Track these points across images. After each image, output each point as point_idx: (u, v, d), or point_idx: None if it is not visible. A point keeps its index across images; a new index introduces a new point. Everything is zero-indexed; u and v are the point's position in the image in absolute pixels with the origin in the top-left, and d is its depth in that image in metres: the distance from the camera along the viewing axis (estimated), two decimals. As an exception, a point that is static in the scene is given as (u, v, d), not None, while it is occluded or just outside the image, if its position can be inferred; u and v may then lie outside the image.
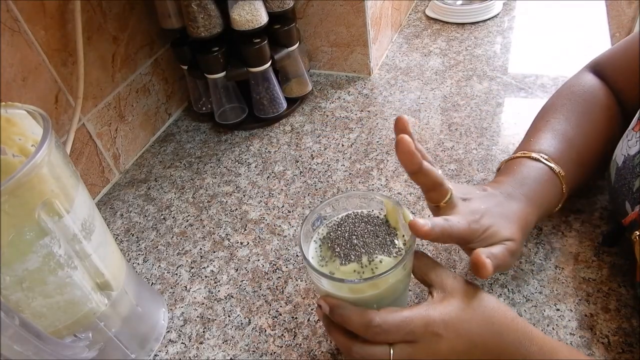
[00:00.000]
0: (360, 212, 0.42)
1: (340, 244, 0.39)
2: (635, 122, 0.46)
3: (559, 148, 0.49)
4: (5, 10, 0.53)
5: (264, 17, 0.68)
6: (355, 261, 0.38)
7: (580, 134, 0.51)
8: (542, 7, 0.94)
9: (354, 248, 0.38)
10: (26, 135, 0.39)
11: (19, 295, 0.37)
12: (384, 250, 0.38)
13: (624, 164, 0.45)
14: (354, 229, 0.40)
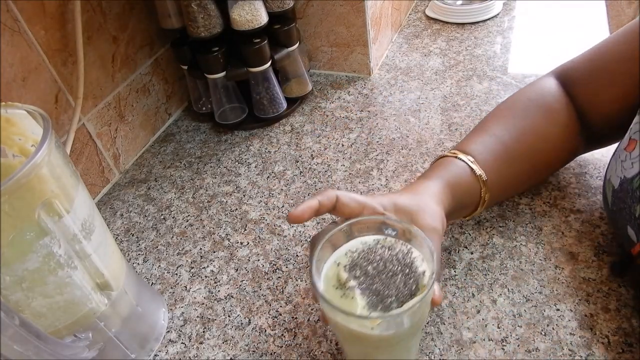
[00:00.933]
0: (384, 243, 0.38)
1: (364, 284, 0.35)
2: (627, 141, 0.44)
3: (489, 153, 0.50)
4: (5, 10, 0.53)
5: (264, 17, 0.68)
6: (382, 310, 0.34)
7: (519, 141, 0.51)
8: (542, 7, 0.94)
9: (381, 293, 0.34)
10: (26, 135, 0.39)
11: (19, 295, 0.37)
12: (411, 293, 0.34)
13: (621, 186, 0.44)
14: (379, 269, 0.36)
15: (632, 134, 0.44)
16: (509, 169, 0.50)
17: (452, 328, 0.47)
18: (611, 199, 0.46)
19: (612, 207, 0.46)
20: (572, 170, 0.60)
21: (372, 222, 0.38)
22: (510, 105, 0.54)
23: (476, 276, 0.51)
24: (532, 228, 0.55)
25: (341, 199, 0.42)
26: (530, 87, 0.55)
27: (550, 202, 0.57)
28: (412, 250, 0.36)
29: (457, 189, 0.47)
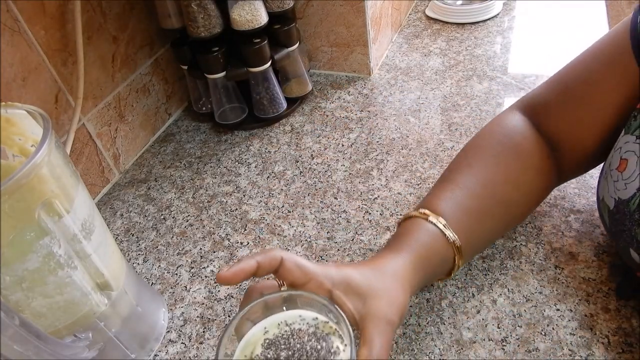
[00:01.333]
0: (317, 330, 0.35)
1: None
2: (617, 161, 0.42)
3: (461, 211, 0.45)
4: (5, 10, 0.53)
5: (264, 17, 0.68)
6: None
7: (492, 195, 0.46)
8: (542, 7, 0.94)
9: None
10: (26, 135, 0.39)
11: (19, 295, 0.37)
12: None
13: (617, 207, 0.42)
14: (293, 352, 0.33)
15: (622, 154, 0.42)
16: (482, 226, 0.46)
17: (452, 328, 0.47)
18: (608, 220, 0.44)
19: (612, 229, 0.44)
20: (572, 170, 0.60)
21: (315, 300, 0.35)
22: (478, 150, 0.50)
23: (476, 276, 0.51)
24: (532, 228, 0.55)
25: (285, 264, 0.37)
26: (496, 127, 0.51)
27: (550, 202, 0.57)
28: (339, 354, 0.33)
29: (427, 262, 0.43)
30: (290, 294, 0.36)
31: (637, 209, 0.39)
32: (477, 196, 0.46)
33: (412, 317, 0.49)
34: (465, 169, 0.48)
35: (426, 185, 0.63)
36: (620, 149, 0.42)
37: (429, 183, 0.63)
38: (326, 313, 0.35)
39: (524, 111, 0.51)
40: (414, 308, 0.49)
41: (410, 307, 0.50)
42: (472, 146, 0.51)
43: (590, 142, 0.46)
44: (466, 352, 0.45)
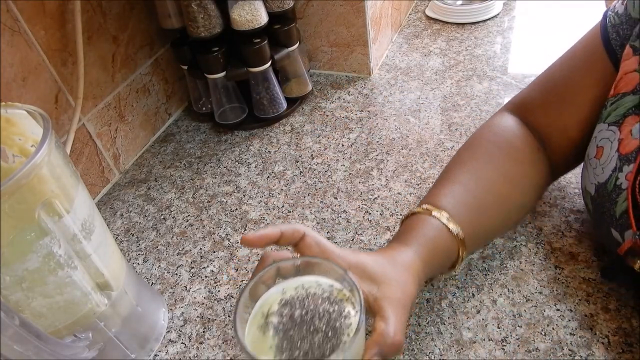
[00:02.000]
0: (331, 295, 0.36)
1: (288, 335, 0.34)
2: (594, 149, 0.45)
3: (462, 206, 0.47)
4: (5, 10, 0.53)
5: (264, 17, 0.68)
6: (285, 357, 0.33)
7: (490, 192, 0.48)
8: (542, 7, 0.94)
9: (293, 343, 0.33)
10: (26, 136, 0.39)
11: (19, 295, 0.37)
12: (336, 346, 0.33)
13: (597, 192, 0.44)
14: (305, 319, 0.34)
15: (597, 142, 0.45)
16: (482, 219, 0.48)
17: (452, 328, 0.47)
18: (592, 206, 0.46)
19: (595, 215, 0.46)
20: (572, 171, 0.60)
21: (332, 269, 0.36)
22: (471, 150, 0.52)
23: (476, 276, 0.51)
24: (532, 228, 0.55)
25: (306, 239, 0.39)
26: (488, 128, 0.53)
27: (550, 202, 0.57)
28: (349, 318, 0.34)
29: (434, 254, 0.44)
30: (308, 260, 0.37)
31: (613, 189, 0.42)
32: (474, 191, 0.48)
33: (412, 317, 0.49)
34: (461, 168, 0.50)
35: (426, 185, 0.63)
36: (595, 138, 0.46)
37: (429, 183, 0.63)
38: (341, 282, 0.36)
39: (513, 111, 0.54)
40: (414, 308, 0.49)
41: (410, 307, 0.50)
42: (465, 148, 0.53)
43: (574, 134, 0.49)
44: (466, 352, 0.45)
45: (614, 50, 0.46)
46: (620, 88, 0.44)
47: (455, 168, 0.51)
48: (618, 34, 0.45)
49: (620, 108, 0.43)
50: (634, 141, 0.41)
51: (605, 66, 0.46)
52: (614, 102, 0.44)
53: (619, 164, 0.42)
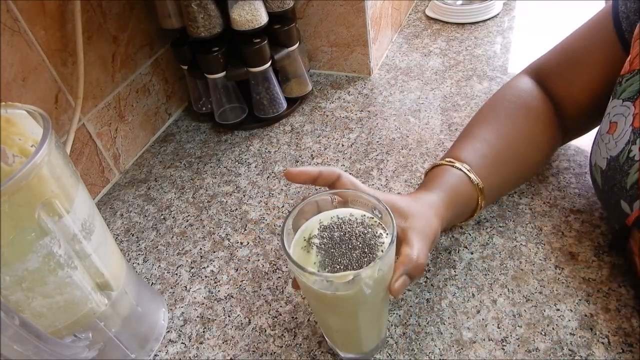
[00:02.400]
0: (364, 220, 0.40)
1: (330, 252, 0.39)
2: (607, 125, 0.48)
3: (482, 159, 0.51)
4: (5, 10, 0.53)
5: (264, 17, 0.68)
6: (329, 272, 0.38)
7: (508, 147, 0.53)
8: (542, 7, 0.94)
9: (334, 258, 0.38)
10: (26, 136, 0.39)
11: (19, 295, 0.37)
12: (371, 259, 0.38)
13: (609, 165, 0.46)
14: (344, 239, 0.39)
15: (611, 118, 0.47)
16: (500, 173, 0.52)
17: (452, 328, 0.47)
18: (601, 180, 0.48)
19: (604, 188, 0.48)
20: (572, 171, 0.60)
21: (365, 199, 0.41)
22: (493, 109, 0.56)
23: (476, 276, 0.51)
24: (532, 228, 0.55)
25: (342, 179, 0.45)
26: (508, 89, 0.58)
27: (550, 202, 0.57)
28: (382, 237, 0.39)
29: (456, 200, 0.49)
30: (342, 193, 0.42)
31: (626, 161, 0.44)
32: (494, 147, 0.53)
33: (412, 317, 0.49)
34: (483, 125, 0.55)
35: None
36: (609, 114, 0.48)
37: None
38: (372, 211, 0.41)
39: (531, 75, 0.58)
40: (414, 308, 0.49)
41: (410, 307, 0.50)
42: (487, 106, 0.58)
43: (584, 100, 0.54)
44: (466, 352, 0.45)
45: (622, 29, 0.49)
46: (635, 65, 0.45)
47: (476, 125, 0.55)
48: (627, 15, 0.49)
49: (635, 84, 0.45)
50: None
51: (614, 44, 0.50)
52: (629, 79, 0.46)
53: (632, 137, 0.44)
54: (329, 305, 0.40)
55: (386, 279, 0.39)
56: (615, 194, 0.46)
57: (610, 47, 0.50)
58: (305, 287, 0.39)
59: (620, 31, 0.49)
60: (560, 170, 0.61)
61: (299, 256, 0.39)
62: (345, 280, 0.36)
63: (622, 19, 0.49)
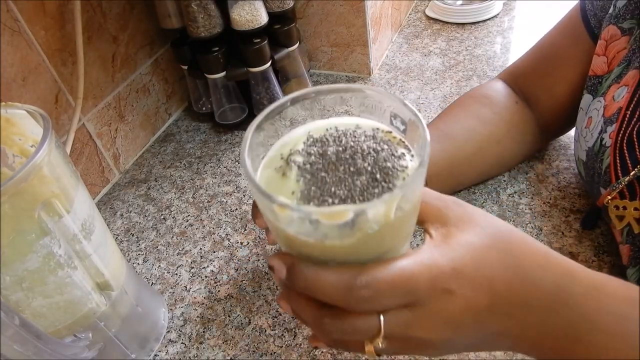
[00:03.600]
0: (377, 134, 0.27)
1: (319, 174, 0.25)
2: (585, 120, 0.51)
3: (440, 151, 0.52)
4: (5, 10, 0.53)
5: (264, 17, 0.68)
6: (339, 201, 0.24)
7: (454, 120, 0.55)
8: (542, 7, 0.94)
9: (324, 186, 0.24)
10: (26, 136, 0.39)
11: (19, 295, 0.37)
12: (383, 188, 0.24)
13: (588, 156, 0.49)
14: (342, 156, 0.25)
15: (587, 113, 0.51)
16: (451, 148, 0.53)
17: (452, 328, 0.47)
18: (584, 171, 0.51)
19: (587, 179, 0.51)
20: (572, 170, 0.60)
21: (382, 97, 0.27)
22: (459, 105, 0.58)
23: (476, 276, 0.51)
24: (532, 228, 0.55)
25: None
26: (479, 89, 0.60)
27: (550, 202, 0.57)
28: (404, 159, 0.26)
29: None
30: (349, 86, 0.28)
31: (600, 149, 0.47)
32: (438, 124, 0.55)
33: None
34: (445, 119, 0.57)
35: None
36: (583, 110, 0.52)
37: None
38: (391, 121, 0.27)
39: (504, 79, 0.61)
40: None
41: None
42: (452, 104, 0.60)
43: (561, 97, 0.55)
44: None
45: (591, 26, 0.52)
46: (613, 65, 0.48)
47: (440, 119, 0.57)
48: (595, 12, 0.52)
49: (608, 80, 0.48)
50: (616, 104, 0.46)
51: (586, 41, 0.53)
52: (607, 79, 0.49)
53: (603, 127, 0.47)
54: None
55: (407, 224, 0.27)
56: (595, 182, 0.48)
57: (582, 43, 0.53)
58: (277, 233, 0.26)
59: (590, 27, 0.52)
60: (560, 170, 0.61)
61: (269, 181, 0.26)
62: (339, 221, 0.23)
63: (590, 16, 0.52)
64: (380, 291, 0.25)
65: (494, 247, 0.28)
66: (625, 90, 0.46)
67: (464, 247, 0.28)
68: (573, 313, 0.28)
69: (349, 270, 0.26)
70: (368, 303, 0.26)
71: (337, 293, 0.26)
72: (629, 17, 0.47)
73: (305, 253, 0.26)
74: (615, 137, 0.45)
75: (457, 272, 0.27)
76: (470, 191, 0.60)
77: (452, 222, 0.29)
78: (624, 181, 0.43)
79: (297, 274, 0.26)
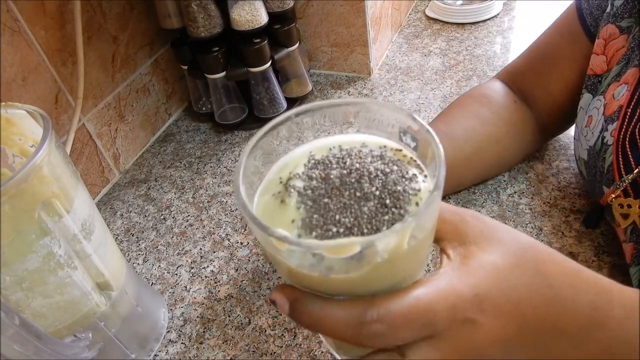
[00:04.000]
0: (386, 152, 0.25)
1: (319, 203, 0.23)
2: (585, 119, 0.51)
3: None
4: (5, 10, 0.53)
5: (264, 17, 0.68)
6: (316, 238, 0.22)
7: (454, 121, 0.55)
8: (542, 7, 0.94)
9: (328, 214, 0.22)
10: (26, 136, 0.39)
11: (19, 295, 0.37)
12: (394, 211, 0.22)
13: (589, 155, 0.49)
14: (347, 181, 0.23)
15: (587, 112, 0.51)
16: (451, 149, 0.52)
17: (452, 328, 0.47)
18: (585, 170, 0.51)
19: (588, 178, 0.50)
20: (572, 171, 0.60)
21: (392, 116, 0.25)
22: (459, 105, 0.58)
23: (476, 276, 0.51)
24: (532, 228, 0.55)
25: None
26: (477, 89, 0.60)
27: (550, 202, 0.57)
28: (416, 180, 0.23)
29: None
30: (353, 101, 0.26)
31: (601, 147, 0.47)
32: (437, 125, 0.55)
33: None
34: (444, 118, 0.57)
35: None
36: (583, 109, 0.52)
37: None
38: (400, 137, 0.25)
39: (502, 79, 0.61)
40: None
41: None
42: (451, 105, 0.60)
43: (558, 96, 0.56)
44: (466, 352, 0.45)
45: (587, 24, 0.52)
46: (612, 64, 0.49)
47: (440, 120, 0.57)
48: (591, 11, 0.52)
49: (608, 79, 0.48)
50: (616, 102, 0.46)
51: (581, 39, 0.53)
52: (607, 77, 0.49)
53: (604, 125, 0.47)
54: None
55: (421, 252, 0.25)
56: (596, 180, 0.48)
57: (578, 41, 0.53)
58: (278, 266, 0.25)
59: (586, 26, 0.52)
60: (560, 170, 0.61)
61: (266, 209, 0.24)
62: (346, 255, 0.21)
63: (586, 15, 0.52)
64: (394, 325, 0.23)
65: (520, 267, 0.25)
66: (625, 88, 0.46)
67: (486, 269, 0.25)
68: (610, 336, 0.26)
69: (359, 303, 0.23)
70: (382, 339, 0.23)
71: (346, 330, 0.23)
72: (627, 16, 0.47)
73: (310, 287, 0.24)
74: (617, 135, 0.45)
75: (480, 299, 0.24)
76: (470, 191, 0.60)
77: (472, 240, 0.26)
78: (627, 179, 0.43)
79: (301, 309, 0.24)
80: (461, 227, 0.26)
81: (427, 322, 0.23)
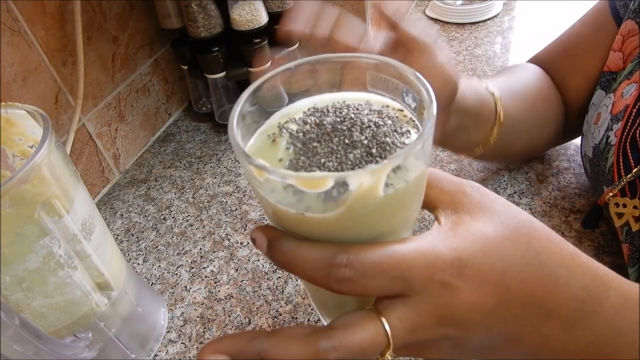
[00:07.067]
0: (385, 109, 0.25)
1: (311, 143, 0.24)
2: (594, 116, 0.50)
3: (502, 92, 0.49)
4: (5, 10, 0.53)
5: (264, 17, 0.68)
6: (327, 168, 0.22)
7: (523, 92, 0.53)
8: (542, 7, 0.94)
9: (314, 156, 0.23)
10: (26, 136, 0.39)
11: (19, 295, 0.37)
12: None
13: (594, 152, 0.49)
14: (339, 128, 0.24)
15: (597, 109, 0.50)
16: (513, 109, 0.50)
17: (452, 328, 0.47)
18: (590, 168, 0.51)
19: (592, 176, 0.50)
20: (572, 171, 0.60)
21: (397, 74, 0.25)
22: (507, 70, 0.58)
23: (476, 276, 0.51)
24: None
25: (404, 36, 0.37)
26: (509, 66, 0.60)
27: (550, 202, 0.57)
28: (409, 135, 0.24)
29: (471, 89, 0.43)
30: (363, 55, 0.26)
31: (605, 147, 0.47)
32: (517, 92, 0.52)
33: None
34: (504, 77, 0.55)
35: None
36: (594, 105, 0.51)
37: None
38: (403, 98, 0.25)
39: (535, 63, 0.60)
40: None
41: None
42: (502, 70, 0.59)
43: (583, 90, 0.54)
44: (466, 352, 0.45)
45: (620, 17, 0.50)
46: (627, 62, 0.48)
47: (497, 77, 0.55)
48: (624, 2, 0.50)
49: (621, 77, 0.48)
50: (624, 101, 0.45)
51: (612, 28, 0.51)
52: (621, 75, 0.48)
53: (610, 124, 0.46)
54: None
55: (403, 207, 0.24)
56: (598, 179, 0.48)
57: (610, 34, 0.51)
58: (262, 203, 0.25)
59: (619, 19, 0.50)
60: (560, 170, 0.61)
61: (259, 147, 0.26)
62: (319, 190, 0.21)
63: (619, 7, 0.51)
64: (362, 272, 0.22)
65: (511, 240, 0.24)
66: (634, 87, 0.45)
67: (474, 235, 0.24)
68: (604, 325, 0.25)
69: (332, 246, 0.23)
70: (349, 284, 0.23)
71: (316, 271, 0.23)
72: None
73: (290, 227, 0.24)
74: (620, 135, 0.45)
75: (461, 263, 0.23)
76: (470, 191, 0.60)
77: (466, 209, 0.25)
78: (626, 179, 0.43)
79: (277, 248, 0.24)
80: (458, 197, 0.26)
81: (400, 276, 0.23)
